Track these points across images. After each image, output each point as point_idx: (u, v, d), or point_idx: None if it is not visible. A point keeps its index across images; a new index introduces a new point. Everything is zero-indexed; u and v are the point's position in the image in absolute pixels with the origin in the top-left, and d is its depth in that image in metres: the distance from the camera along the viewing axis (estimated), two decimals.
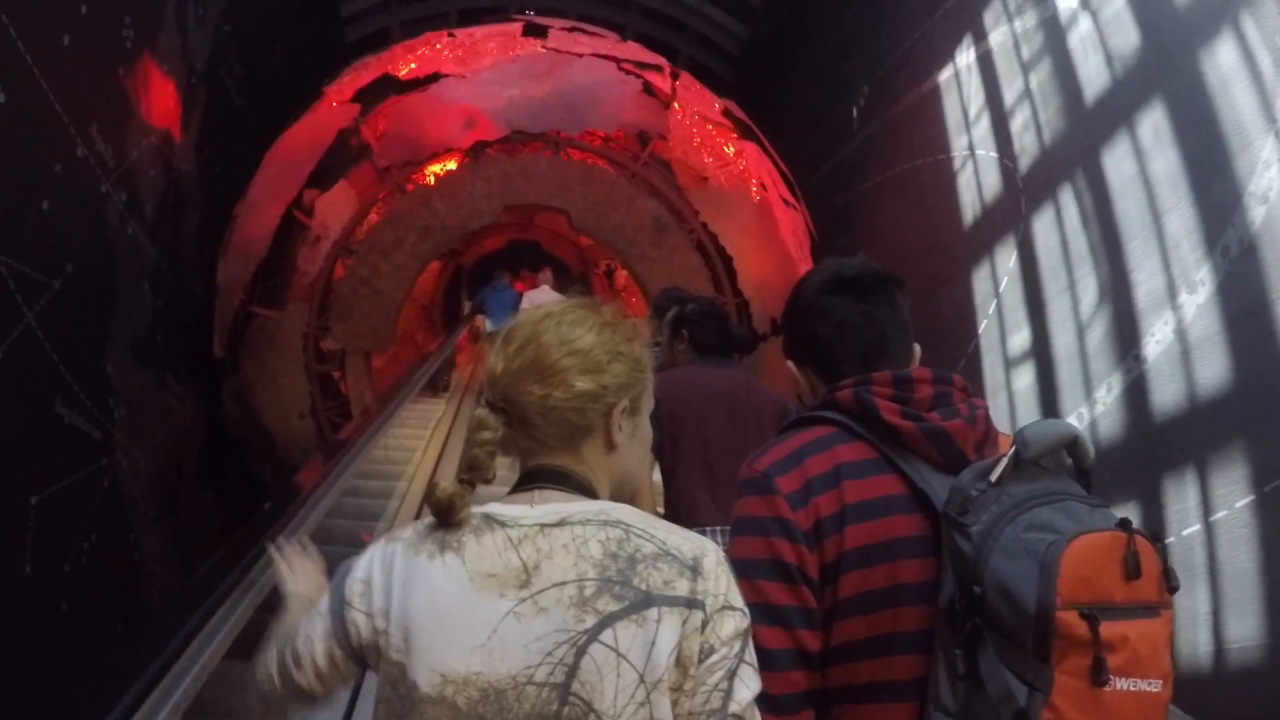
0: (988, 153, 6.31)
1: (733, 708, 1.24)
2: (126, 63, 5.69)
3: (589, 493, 1.36)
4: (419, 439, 8.49)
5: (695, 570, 1.27)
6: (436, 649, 1.24)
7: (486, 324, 12.74)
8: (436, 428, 9.29)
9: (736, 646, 1.26)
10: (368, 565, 1.32)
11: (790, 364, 1.82)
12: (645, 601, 1.23)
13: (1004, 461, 1.45)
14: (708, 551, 1.30)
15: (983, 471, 1.47)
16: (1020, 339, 5.72)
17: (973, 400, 1.64)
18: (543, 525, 1.28)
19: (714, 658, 1.24)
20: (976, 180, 6.48)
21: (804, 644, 1.51)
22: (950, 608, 1.43)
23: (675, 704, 1.23)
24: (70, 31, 4.64)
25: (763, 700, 1.38)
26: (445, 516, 1.29)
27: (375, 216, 8.89)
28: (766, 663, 1.43)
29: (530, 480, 1.36)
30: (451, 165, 9.10)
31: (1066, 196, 5.36)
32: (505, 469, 1.41)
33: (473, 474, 1.33)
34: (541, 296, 12.75)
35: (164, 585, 6.86)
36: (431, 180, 9.11)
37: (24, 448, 4.65)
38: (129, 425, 6.30)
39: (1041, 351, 5.49)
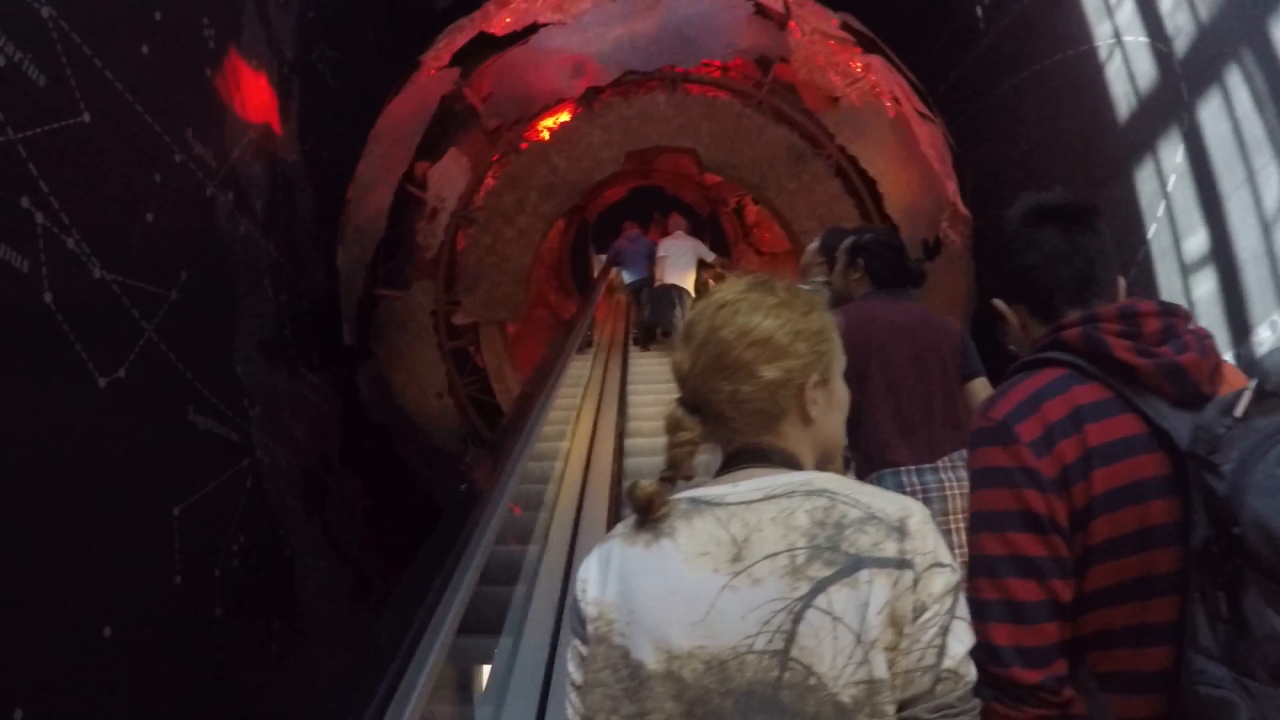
0: (1136, 38, 5.87)
1: (947, 663, 1.31)
2: (212, 62, 5.86)
3: (793, 465, 1.45)
4: (572, 398, 8.78)
5: (902, 531, 1.33)
6: (659, 628, 1.34)
7: (624, 276, 13.28)
8: (588, 386, 9.55)
9: (948, 603, 1.32)
10: (588, 565, 1.45)
11: (998, 303, 1.86)
12: (855, 564, 1.30)
13: (1247, 395, 1.44)
14: (913, 512, 1.36)
15: (1226, 407, 1.47)
16: (1197, 242, 5.29)
17: (1197, 330, 1.66)
18: (749, 501, 1.38)
19: (926, 615, 1.31)
20: (1127, 70, 6.02)
21: (1057, 594, 1.56)
22: (1206, 549, 1.43)
23: (891, 663, 1.29)
24: (148, 40, 4.78)
25: (1015, 652, 1.52)
26: (646, 512, 1.40)
27: (492, 181, 8.86)
28: (1021, 615, 1.55)
29: (733, 462, 1.45)
30: (565, 117, 8.95)
31: (1234, 78, 4.91)
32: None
33: (673, 472, 1.44)
34: (677, 244, 12.71)
35: (319, 577, 7.23)
36: (546, 135, 9.00)
37: (161, 460, 4.90)
38: (266, 423, 6.58)
39: (1223, 254, 5.07)
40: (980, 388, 3.67)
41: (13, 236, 3.52)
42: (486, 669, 4.01)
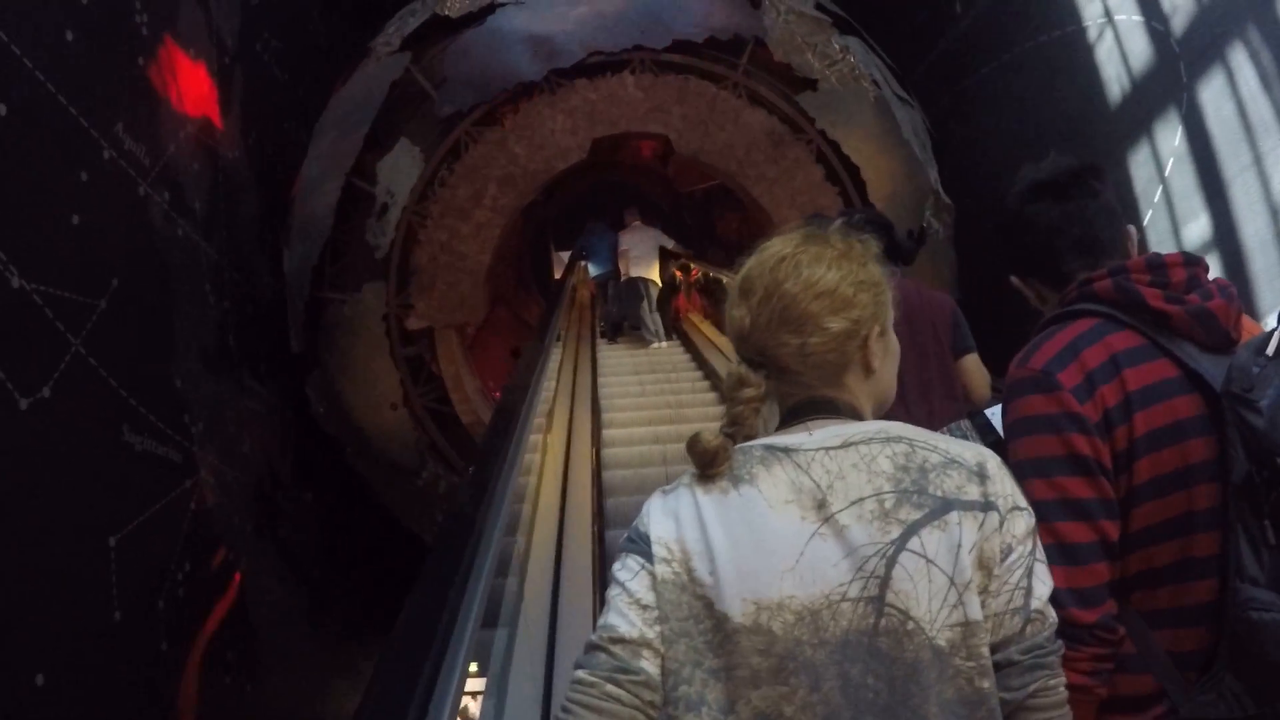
0: (1129, 17, 5.81)
1: (1034, 604, 1.36)
2: (145, 50, 5.60)
3: (856, 416, 1.49)
4: (546, 388, 8.57)
5: (982, 475, 1.38)
6: (746, 577, 1.34)
7: (589, 269, 14.01)
8: (560, 372, 9.50)
9: (1030, 545, 1.38)
10: (651, 515, 1.45)
11: (1014, 280, 2.01)
12: (944, 507, 1.35)
13: (1278, 335, 1.60)
14: (988, 457, 1.41)
15: (1258, 348, 1.62)
16: (1198, 228, 5.22)
17: (1218, 280, 1.80)
18: (827, 448, 1.40)
19: (1012, 557, 1.36)
20: (1120, 50, 5.97)
21: (1107, 534, 1.68)
22: (1248, 482, 1.57)
23: (982, 605, 1.34)
24: (72, 26, 4.54)
25: (1070, 594, 1.61)
26: (707, 466, 1.41)
27: (446, 173, 8.71)
28: (1073, 557, 1.66)
29: (799, 414, 1.48)
30: (525, 102, 8.81)
31: (1238, 57, 4.84)
32: None
33: (736, 429, 1.45)
34: (638, 235, 12.95)
35: (273, 601, 7.01)
36: (505, 123, 8.83)
37: (93, 486, 4.66)
38: (210, 440, 6.35)
39: (1227, 241, 4.99)
40: (972, 364, 3.89)
41: None
42: None
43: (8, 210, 3.94)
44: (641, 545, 1.44)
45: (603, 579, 4.76)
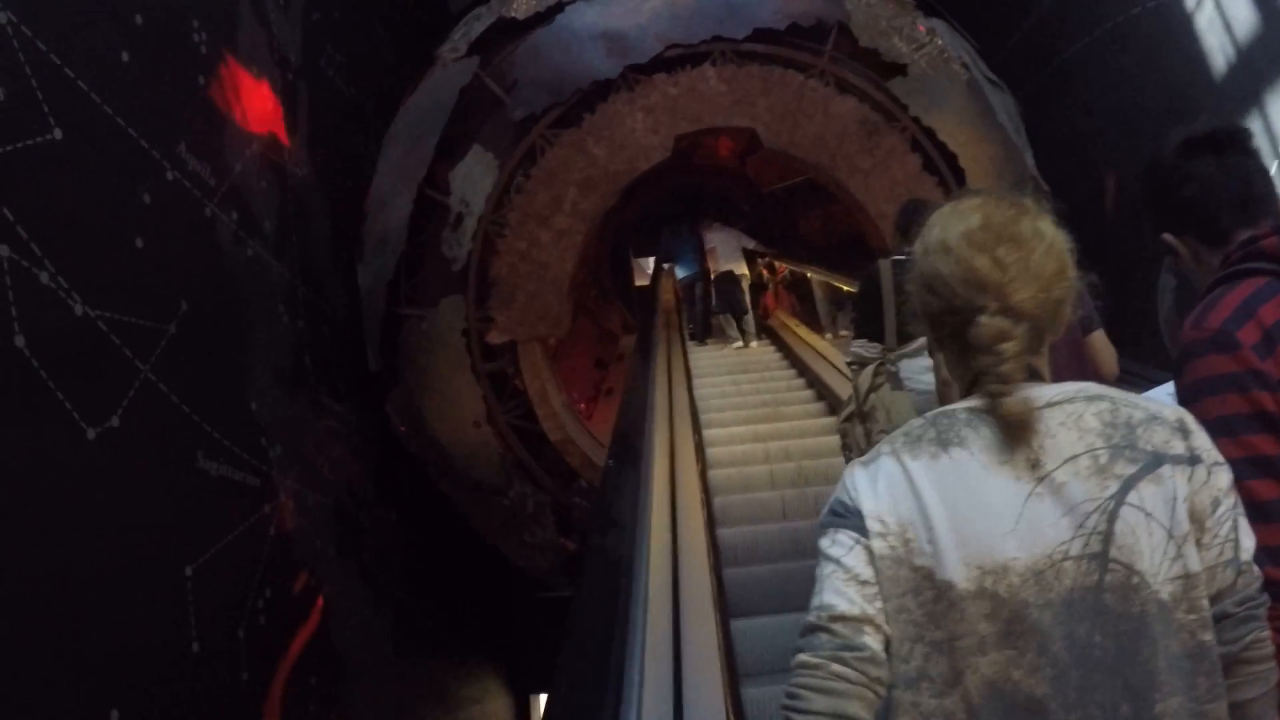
0: None
1: (1243, 556, 1.42)
2: (205, 69, 5.62)
3: (1043, 380, 1.52)
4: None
5: (1184, 430, 1.43)
6: (967, 543, 1.36)
7: (675, 271, 14.23)
8: (656, 378, 9.22)
9: (1233, 498, 1.44)
10: (855, 484, 1.46)
11: (1167, 237, 2.05)
12: (1156, 460, 1.39)
13: None
14: (1184, 412, 1.47)
15: None
16: None
17: None
18: (1034, 408, 1.43)
19: (1220, 510, 1.41)
20: (1221, 18, 5.64)
21: None
22: None
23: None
24: (127, 47, 4.54)
25: (1264, 551, 1.57)
26: (1021, 428, 1.41)
27: (523, 179, 8.61)
28: (1265, 514, 1.66)
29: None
30: (602, 101, 8.67)
31: None
32: None
33: (1006, 387, 1.43)
34: (721, 235, 13.08)
35: (357, 623, 7.00)
36: (582, 124, 8.69)
37: (167, 515, 4.66)
38: (289, 462, 6.35)
39: None
40: (1100, 341, 3.93)
41: None
42: None
43: (68, 236, 3.94)
44: (853, 519, 1.45)
45: (718, 578, 4.59)
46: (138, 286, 4.59)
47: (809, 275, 14.11)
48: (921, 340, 4.12)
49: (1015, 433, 1.42)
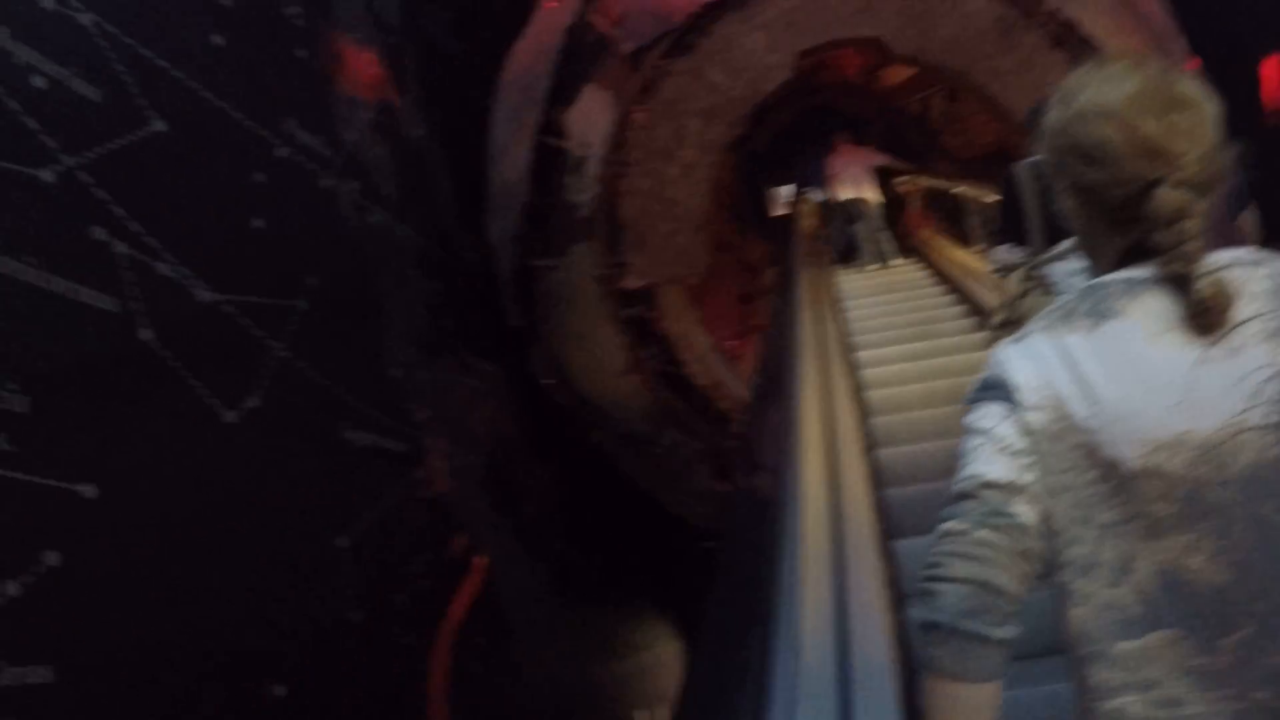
0: None
1: None
2: (304, 42, 5.64)
3: None
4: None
5: None
6: (1133, 416, 1.28)
7: (811, 197, 13.86)
8: (803, 305, 9.12)
9: None
10: (1008, 361, 1.38)
11: None
12: None
13: None
14: None
15: None
16: None
17: None
18: (1194, 276, 1.32)
19: None
20: None
21: None
22: None
23: None
24: (218, 31, 4.57)
25: None
26: (1220, 311, 1.30)
27: (642, 114, 8.42)
28: None
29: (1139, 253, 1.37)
30: (715, 24, 8.35)
31: None
32: None
33: (1192, 265, 1.31)
34: (850, 158, 12.73)
35: (519, 579, 7.09)
36: (697, 49, 8.40)
37: (317, 490, 4.77)
38: (437, 425, 6.45)
39: None
40: (1249, 222, 3.77)
41: (90, 275, 3.36)
42: None
43: (183, 225, 4.01)
44: (1003, 392, 1.37)
45: (878, 501, 4.45)
46: (261, 266, 4.67)
47: (951, 190, 13.57)
48: (1068, 242, 3.81)
49: (1210, 315, 1.30)
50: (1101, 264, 1.45)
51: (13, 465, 2.87)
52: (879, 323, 8.88)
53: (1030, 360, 1.36)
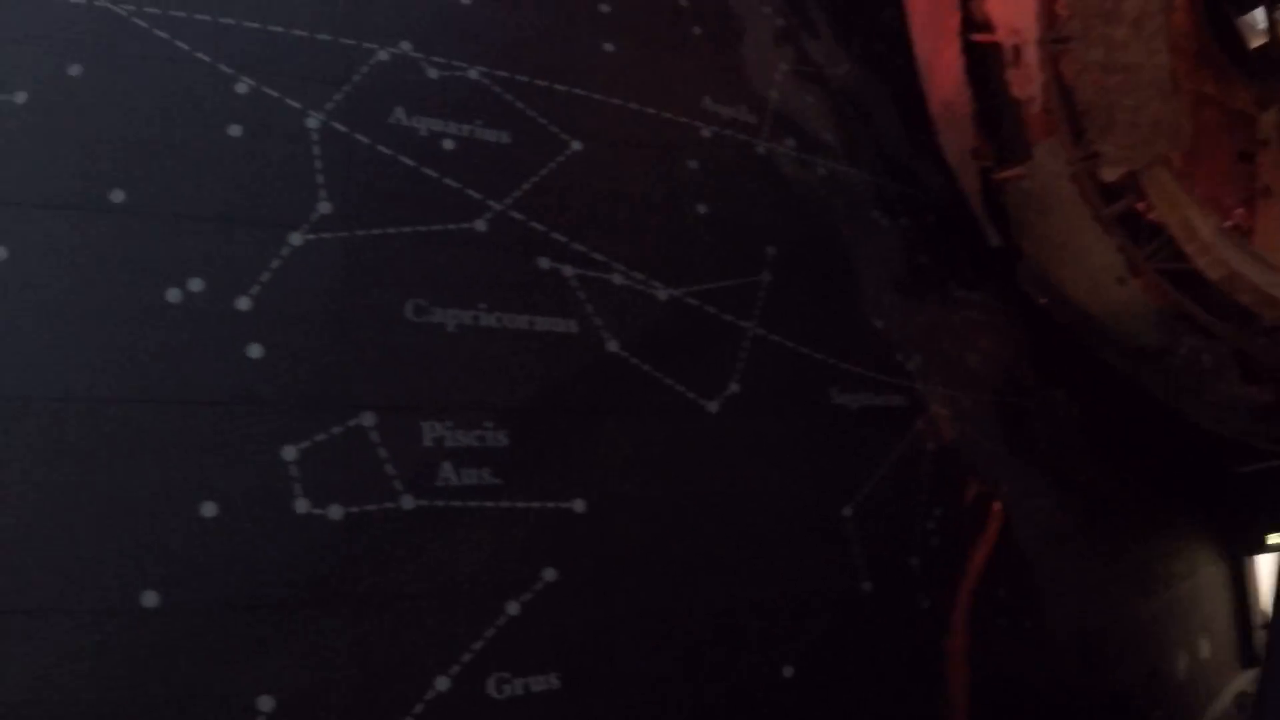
0: None
1: None
2: (694, 20, 5.57)
3: None
4: None
5: None
6: None
7: None
8: None
9: None
10: None
11: None
12: None
13: None
14: None
15: None
16: None
17: None
18: None
19: None
20: None
21: None
22: None
23: None
24: (604, 37, 4.63)
25: None
26: None
27: None
28: None
29: None
30: None
31: None
32: None
33: None
34: None
35: (1043, 518, 6.60)
36: None
37: (811, 463, 4.71)
38: (932, 370, 6.18)
39: None
40: None
41: (544, 303, 3.52)
42: None
43: (626, 231, 4.13)
44: None
45: None
46: (714, 251, 4.70)
47: None
48: None
49: None
50: None
51: (498, 496, 3.06)
52: None
53: None
